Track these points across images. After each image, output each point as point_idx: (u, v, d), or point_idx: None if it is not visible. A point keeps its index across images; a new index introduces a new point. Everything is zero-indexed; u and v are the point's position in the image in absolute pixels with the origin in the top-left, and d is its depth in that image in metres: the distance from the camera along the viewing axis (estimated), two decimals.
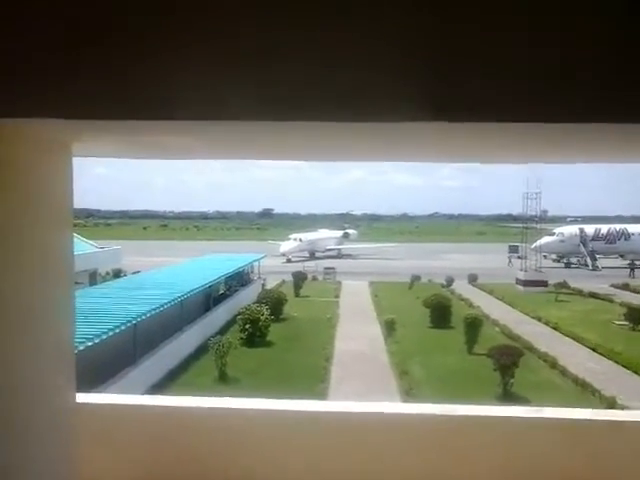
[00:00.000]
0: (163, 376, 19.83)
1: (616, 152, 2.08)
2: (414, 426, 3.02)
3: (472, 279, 43.25)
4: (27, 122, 1.50)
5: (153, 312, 19.96)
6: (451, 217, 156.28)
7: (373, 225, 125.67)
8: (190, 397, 3.18)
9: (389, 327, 26.10)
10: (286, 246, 59.67)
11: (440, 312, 28.12)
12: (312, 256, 61.40)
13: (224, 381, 19.57)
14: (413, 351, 23.28)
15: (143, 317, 19.14)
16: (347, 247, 68.48)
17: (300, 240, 62.33)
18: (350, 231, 77.29)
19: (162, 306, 20.89)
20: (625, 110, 1.37)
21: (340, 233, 74.09)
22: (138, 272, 34.86)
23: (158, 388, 18.50)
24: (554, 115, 1.38)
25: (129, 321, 18.26)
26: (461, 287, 40.06)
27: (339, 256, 63.82)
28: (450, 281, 41.34)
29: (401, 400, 17.82)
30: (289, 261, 55.84)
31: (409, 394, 18.36)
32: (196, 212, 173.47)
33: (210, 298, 28.01)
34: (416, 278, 42.05)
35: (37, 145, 1.72)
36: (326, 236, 69.92)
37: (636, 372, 20.75)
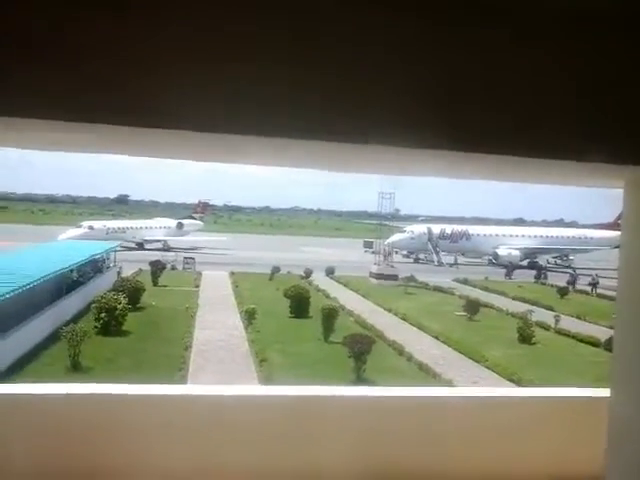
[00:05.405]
0: (8, 365, 18.60)
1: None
2: (271, 407, 3.05)
3: (329, 272, 44.86)
4: None
5: None
6: (311, 212, 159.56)
7: (233, 216, 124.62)
8: (46, 384, 3.07)
9: (250, 317, 26.43)
10: (69, 234, 48.15)
11: (299, 303, 28.99)
12: (141, 247, 54.22)
13: (77, 370, 18.77)
14: (273, 340, 23.83)
15: None
16: (176, 239, 58.48)
17: (91, 228, 51.16)
18: (186, 221, 65.85)
19: (6, 294, 19.50)
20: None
21: (174, 223, 63.88)
22: None
23: (1, 378, 17.36)
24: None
25: None
26: (319, 279, 41.44)
27: (165, 249, 53.70)
28: (309, 273, 42.58)
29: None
30: None
31: (269, 380, 18.87)
32: (43, 195, 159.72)
33: (62, 286, 26.47)
34: (276, 270, 42.78)
35: None
36: (146, 225, 60.47)
37: (471, 358, 23.06)
